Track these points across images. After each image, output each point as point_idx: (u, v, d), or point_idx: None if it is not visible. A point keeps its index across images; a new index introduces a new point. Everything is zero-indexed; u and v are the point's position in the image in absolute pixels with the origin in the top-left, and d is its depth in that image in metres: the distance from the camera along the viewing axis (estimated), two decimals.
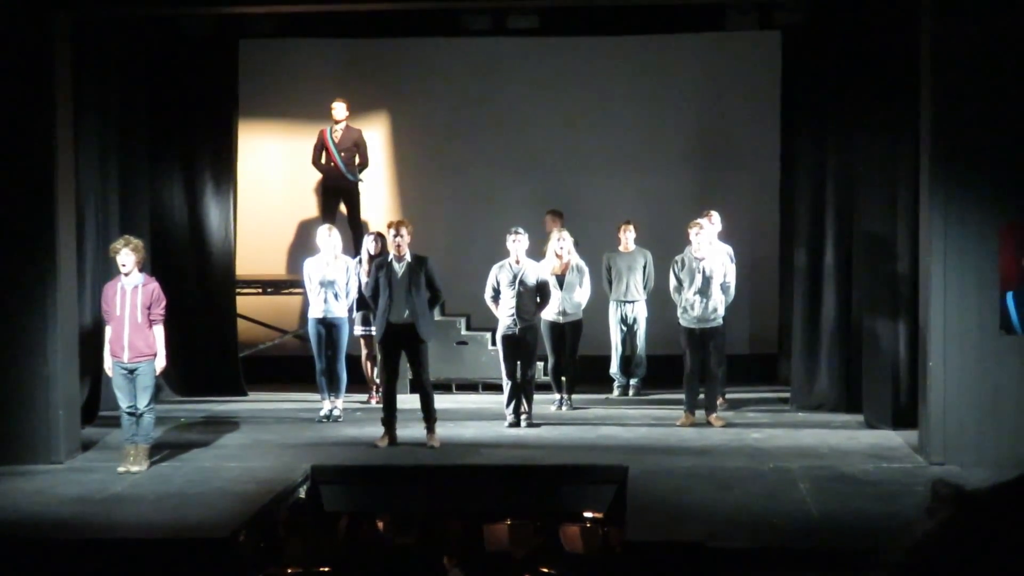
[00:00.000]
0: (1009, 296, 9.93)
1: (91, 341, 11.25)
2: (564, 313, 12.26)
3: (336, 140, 13.74)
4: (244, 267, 14.03)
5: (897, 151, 11.17)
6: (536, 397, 11.84)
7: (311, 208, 14.54)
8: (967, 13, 9.82)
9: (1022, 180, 9.86)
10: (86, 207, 11.62)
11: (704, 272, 11.54)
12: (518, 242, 11.59)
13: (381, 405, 11.16)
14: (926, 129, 10.12)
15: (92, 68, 11.61)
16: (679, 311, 11.66)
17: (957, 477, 7.85)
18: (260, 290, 14.52)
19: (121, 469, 9.99)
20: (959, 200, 9.92)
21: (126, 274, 9.98)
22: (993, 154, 9.85)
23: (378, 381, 12.12)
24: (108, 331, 10.09)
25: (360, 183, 13.92)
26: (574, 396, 12.54)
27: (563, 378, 12.44)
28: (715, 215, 12.33)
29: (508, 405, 11.63)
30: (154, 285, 10.10)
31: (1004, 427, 9.87)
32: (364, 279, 11.75)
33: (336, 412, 12.04)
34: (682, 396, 11.77)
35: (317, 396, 12.23)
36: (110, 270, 10.69)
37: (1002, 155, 9.84)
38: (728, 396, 12.41)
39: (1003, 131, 9.82)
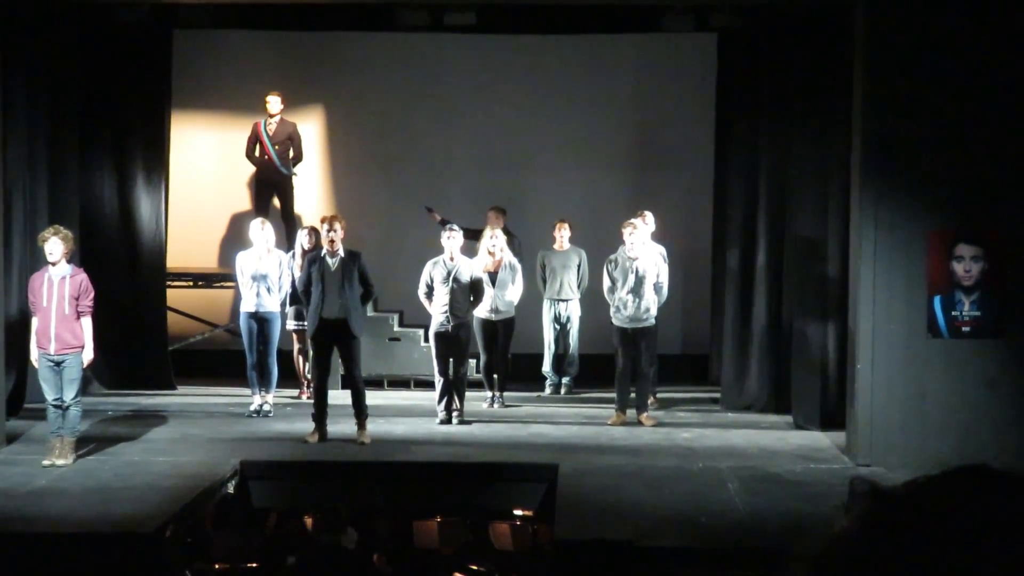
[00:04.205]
0: (936, 300, 10.06)
1: (17, 332, 11.08)
2: (496, 311, 12.26)
3: (270, 133, 13.66)
4: (175, 260, 13.90)
5: (829, 155, 11.29)
6: (468, 394, 11.84)
7: (244, 201, 14.44)
8: (900, 21, 9.95)
9: (950, 186, 10.00)
10: (14, 196, 11.44)
11: (637, 272, 11.59)
12: (452, 239, 11.58)
13: (312, 400, 11.11)
14: (858, 135, 10.24)
15: (22, 55, 11.43)
16: (612, 310, 11.70)
17: (875, 475, 7.94)
18: (191, 283, 14.39)
19: (46, 462, 9.85)
20: (889, 205, 10.04)
21: (53, 263, 9.84)
22: (923, 161, 9.98)
23: (309, 376, 12.05)
24: (35, 322, 9.95)
25: (294, 177, 13.85)
26: (506, 394, 12.55)
27: (495, 376, 12.44)
28: (649, 215, 12.38)
29: (440, 402, 11.62)
30: (82, 276, 9.97)
31: (930, 429, 10.00)
32: (297, 274, 11.68)
33: (266, 407, 11.95)
34: (614, 395, 11.81)
35: (247, 391, 12.14)
36: (37, 261, 10.54)
37: (931, 162, 9.97)
38: (659, 396, 12.48)
39: (933, 138, 9.95)
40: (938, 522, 1.12)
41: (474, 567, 8.90)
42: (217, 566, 8.77)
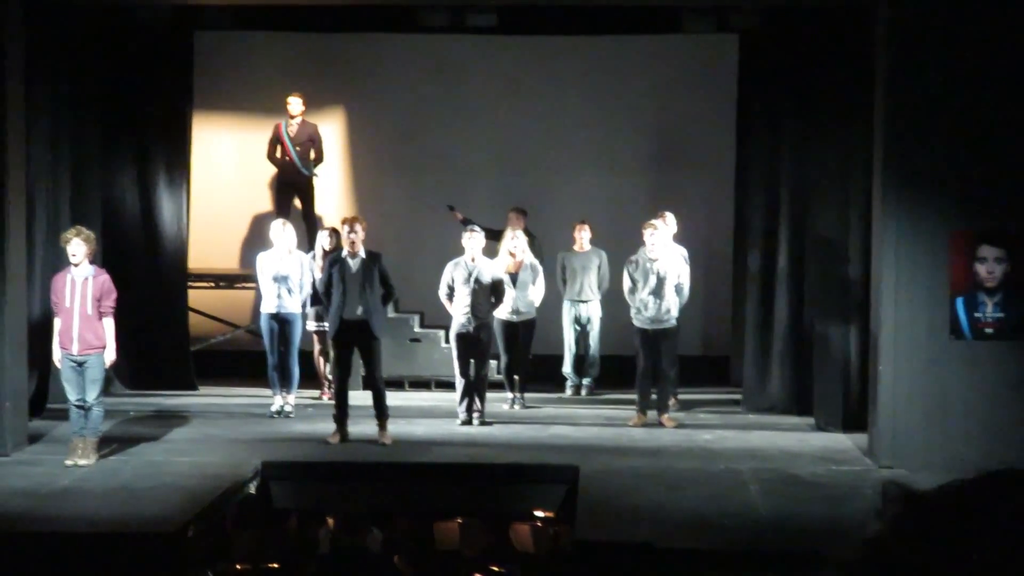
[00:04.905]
0: (959, 302, 10.02)
1: (40, 333, 11.11)
2: (517, 312, 12.26)
3: (291, 134, 13.68)
4: (197, 260, 13.94)
5: (851, 156, 11.24)
6: (489, 395, 11.84)
7: (265, 202, 14.46)
8: (922, 20, 9.90)
9: (973, 188, 9.95)
10: (37, 197, 11.49)
11: (658, 273, 11.57)
12: (473, 240, 11.58)
13: (333, 401, 11.12)
14: (879, 135, 10.20)
15: (45, 57, 11.48)
16: (632, 312, 11.68)
17: (906, 479, 7.91)
18: (212, 284, 14.42)
19: (69, 462, 9.89)
20: (911, 206, 10.00)
21: (76, 264, 9.88)
22: (945, 162, 9.93)
23: (330, 377, 12.06)
24: (57, 323, 9.99)
25: (315, 178, 13.87)
26: (526, 395, 12.54)
27: (516, 377, 12.44)
28: (670, 216, 12.36)
29: (460, 403, 11.62)
30: (105, 277, 10.00)
31: (952, 431, 9.96)
32: (318, 275, 11.69)
33: (287, 408, 11.97)
34: (634, 396, 11.79)
35: (268, 391, 12.16)
36: (60, 262, 10.57)
37: (954, 163, 9.93)
38: (680, 397, 12.45)
39: (955, 139, 9.91)
40: (971, 526, 1.11)
41: (495, 568, 8.89)
42: (239, 566, 8.78)
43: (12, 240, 10.34)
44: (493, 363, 12.35)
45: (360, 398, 11.30)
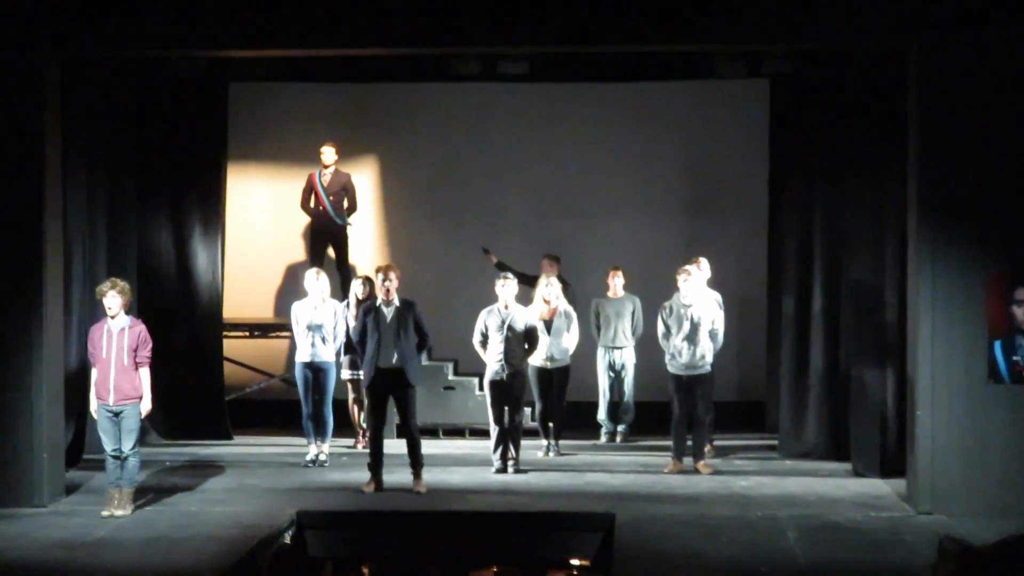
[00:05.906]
0: (997, 345, 9.94)
1: (76, 383, 11.19)
2: (552, 359, 12.24)
3: (325, 184, 13.76)
4: (231, 310, 14.00)
5: (885, 199, 11.21)
6: (523, 443, 11.80)
7: (299, 251, 14.53)
8: (955, 65, 9.88)
9: (1009, 229, 9.90)
10: (73, 248, 11.59)
11: (692, 319, 11.54)
12: (506, 287, 11.59)
13: (368, 450, 11.11)
14: (914, 178, 10.16)
15: (81, 108, 11.59)
16: (667, 358, 11.65)
17: (959, 532, 7.78)
18: (247, 333, 14.48)
19: (105, 513, 9.91)
20: (947, 249, 9.95)
21: (112, 316, 9.95)
22: (981, 203, 9.89)
23: (365, 426, 12.06)
24: (94, 373, 10.04)
25: (348, 227, 13.93)
26: (561, 442, 12.50)
27: (550, 424, 12.41)
28: (703, 262, 12.33)
29: (495, 451, 11.59)
30: (141, 327, 10.06)
31: (992, 476, 9.86)
32: (352, 323, 11.72)
33: (322, 457, 11.97)
34: (670, 443, 11.73)
35: (303, 440, 12.18)
36: (96, 312, 10.65)
37: (989, 204, 9.88)
38: (716, 443, 12.39)
39: (990, 180, 9.87)
40: None
41: None
42: None
43: (49, 291, 10.42)
44: (528, 410, 12.33)
45: (395, 446, 11.29)
